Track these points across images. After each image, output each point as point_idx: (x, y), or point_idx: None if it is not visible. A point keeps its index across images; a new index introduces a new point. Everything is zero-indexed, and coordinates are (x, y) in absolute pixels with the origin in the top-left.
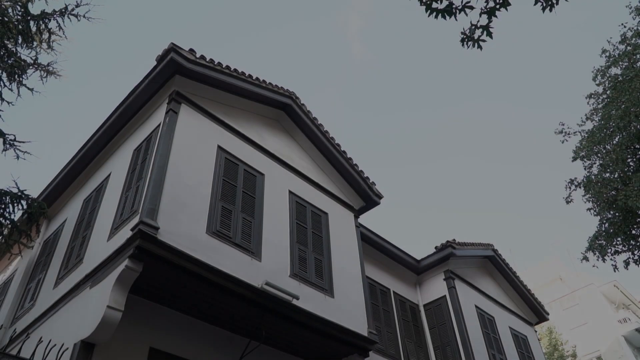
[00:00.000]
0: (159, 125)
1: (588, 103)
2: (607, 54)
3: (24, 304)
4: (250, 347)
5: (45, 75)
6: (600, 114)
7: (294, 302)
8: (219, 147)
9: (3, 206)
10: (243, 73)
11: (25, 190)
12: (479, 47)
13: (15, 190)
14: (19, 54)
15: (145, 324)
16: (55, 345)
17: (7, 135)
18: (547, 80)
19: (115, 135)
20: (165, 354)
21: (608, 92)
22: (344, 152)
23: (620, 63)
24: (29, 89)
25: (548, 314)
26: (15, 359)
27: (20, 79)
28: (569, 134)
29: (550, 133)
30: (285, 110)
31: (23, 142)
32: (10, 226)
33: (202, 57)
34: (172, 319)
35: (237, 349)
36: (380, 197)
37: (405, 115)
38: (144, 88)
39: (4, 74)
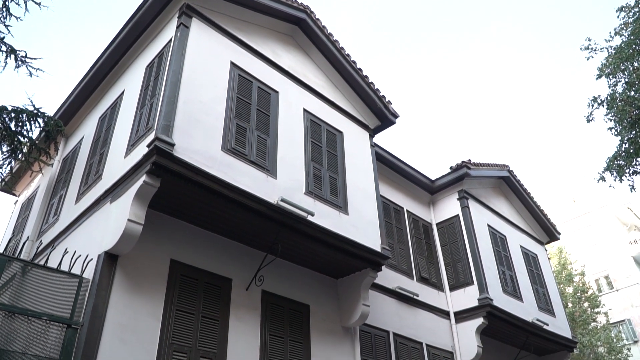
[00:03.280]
0: (170, 40)
1: (618, 17)
2: None
3: (48, 219)
4: (267, 261)
5: None
6: (630, 28)
7: (309, 218)
8: (232, 64)
9: (20, 124)
10: None
11: (40, 108)
12: None
13: (31, 108)
14: None
15: (167, 237)
16: (80, 255)
17: (18, 52)
18: None
19: (127, 51)
20: (186, 266)
21: None
22: (360, 69)
23: None
24: (36, 3)
25: (559, 233)
26: (43, 268)
27: None
28: (595, 50)
29: (575, 50)
30: (299, 26)
31: (34, 58)
32: (29, 144)
33: None
34: (192, 233)
35: (254, 262)
36: (396, 116)
37: (424, 36)
38: (153, 0)
39: None
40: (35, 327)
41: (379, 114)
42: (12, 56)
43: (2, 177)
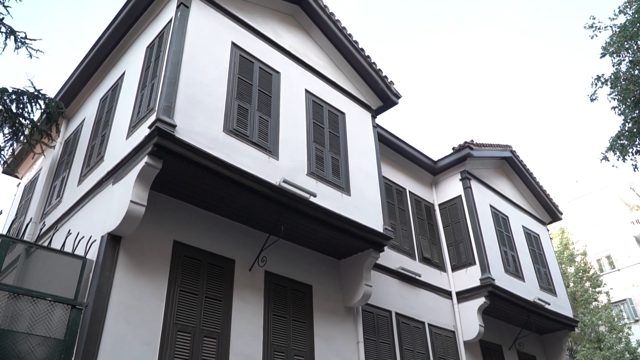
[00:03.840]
0: (171, 20)
1: None
2: None
3: (51, 201)
4: (270, 242)
5: None
6: (635, 6)
7: (311, 199)
8: (233, 44)
9: (21, 106)
10: None
11: (41, 89)
12: None
13: (31, 90)
14: None
15: (169, 219)
16: (83, 237)
17: (17, 33)
18: None
19: (127, 32)
20: (189, 247)
21: None
22: (362, 49)
23: None
24: None
25: (562, 213)
26: (47, 250)
27: None
28: (599, 28)
29: (579, 28)
30: (300, 5)
31: (34, 39)
32: (30, 126)
33: None
34: (195, 215)
35: (257, 243)
36: (398, 96)
37: (427, 17)
38: None
39: None
40: (40, 307)
41: (381, 95)
42: (12, 37)
43: (5, 159)
